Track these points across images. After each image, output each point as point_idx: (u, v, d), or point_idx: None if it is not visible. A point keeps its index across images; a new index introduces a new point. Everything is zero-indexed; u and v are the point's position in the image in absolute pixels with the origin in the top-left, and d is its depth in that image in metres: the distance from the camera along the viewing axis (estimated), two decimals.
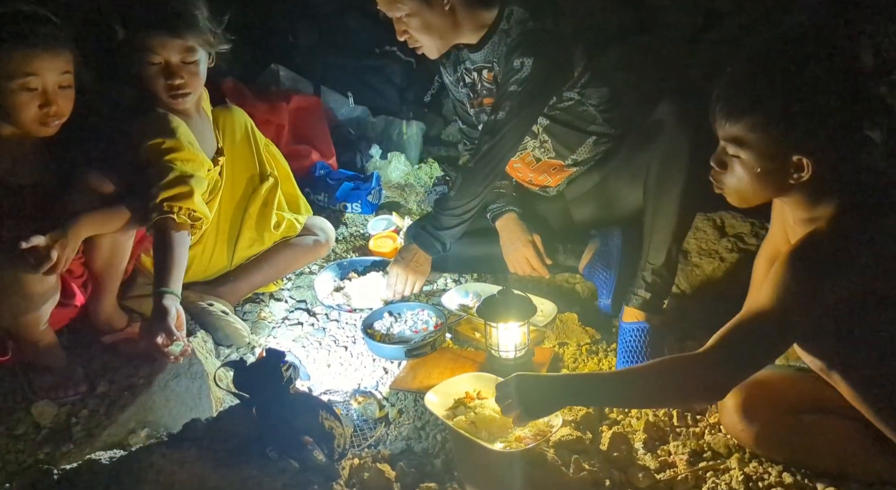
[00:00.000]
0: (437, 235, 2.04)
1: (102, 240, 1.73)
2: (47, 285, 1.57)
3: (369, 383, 1.86)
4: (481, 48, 1.93)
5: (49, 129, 1.60)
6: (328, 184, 2.91)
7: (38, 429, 1.56)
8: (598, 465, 1.41)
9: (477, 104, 2.08)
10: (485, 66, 1.96)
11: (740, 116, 1.22)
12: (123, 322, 1.87)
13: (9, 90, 1.53)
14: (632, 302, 1.83)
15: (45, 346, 1.66)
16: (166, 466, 1.20)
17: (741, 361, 1.24)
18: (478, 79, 2.01)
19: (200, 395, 1.64)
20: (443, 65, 2.13)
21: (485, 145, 1.91)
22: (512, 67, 1.82)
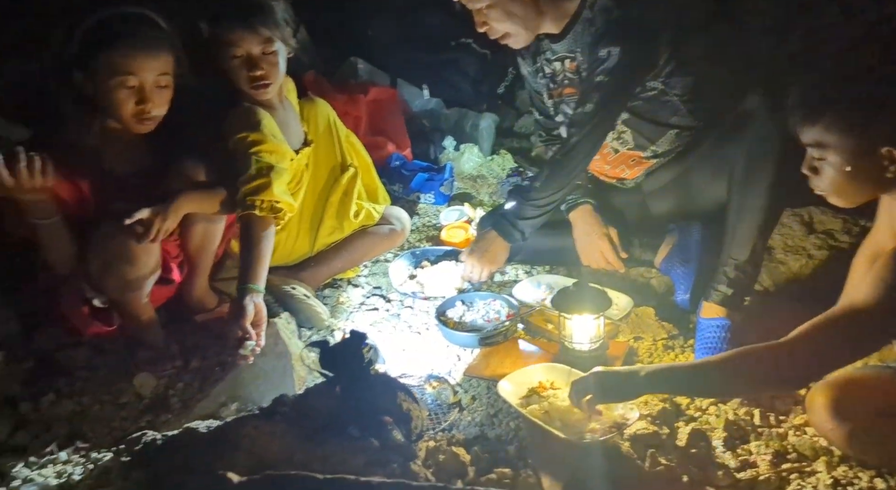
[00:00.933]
0: (518, 224, 2.03)
1: (196, 224, 1.84)
2: (153, 258, 1.69)
3: (442, 369, 1.90)
4: (563, 37, 1.92)
5: (145, 126, 1.70)
6: (402, 174, 2.97)
7: (139, 398, 1.68)
8: (676, 461, 1.40)
9: (556, 95, 2.07)
10: (567, 55, 1.95)
11: (816, 120, 1.23)
12: (214, 302, 1.99)
13: (109, 87, 1.63)
14: (711, 297, 1.79)
15: (146, 322, 1.78)
16: (259, 438, 1.26)
17: (827, 356, 1.22)
18: (559, 69, 2.00)
19: (285, 374, 1.72)
20: (521, 56, 2.13)
21: (573, 137, 1.89)
22: (598, 57, 1.80)
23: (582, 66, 1.92)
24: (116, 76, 1.62)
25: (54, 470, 1.44)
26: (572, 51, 1.93)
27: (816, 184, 1.31)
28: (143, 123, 1.69)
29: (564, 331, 1.78)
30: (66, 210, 1.66)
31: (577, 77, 1.96)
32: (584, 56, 1.89)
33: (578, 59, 1.93)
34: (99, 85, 1.63)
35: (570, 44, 1.92)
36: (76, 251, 1.69)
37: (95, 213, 1.69)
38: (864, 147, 1.20)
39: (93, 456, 1.47)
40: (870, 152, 1.20)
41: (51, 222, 1.62)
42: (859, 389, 1.39)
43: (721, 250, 1.83)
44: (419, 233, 2.73)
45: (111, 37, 1.62)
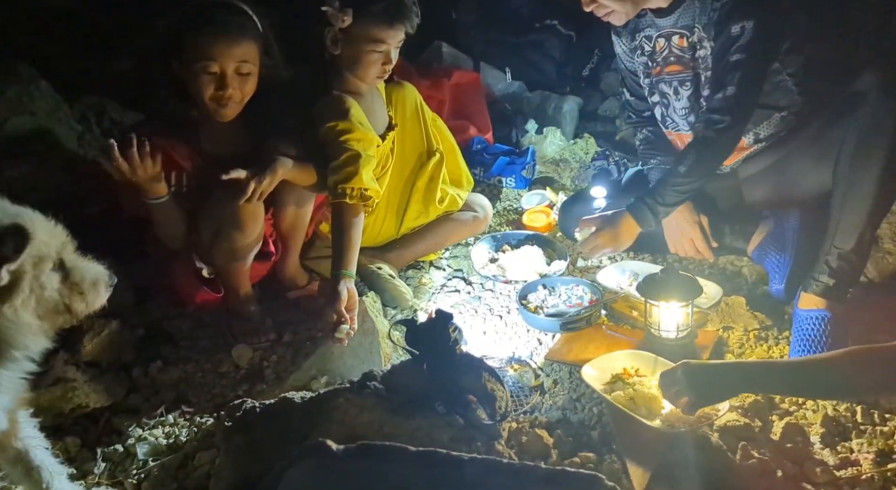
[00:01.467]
0: (656, 210, 1.91)
1: (287, 206, 1.93)
2: (258, 226, 1.79)
3: (524, 352, 1.90)
4: (672, 12, 1.83)
5: (224, 111, 1.77)
6: (484, 158, 2.97)
7: (237, 368, 1.78)
8: (769, 455, 1.35)
9: (656, 73, 1.99)
10: (676, 31, 1.86)
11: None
12: (305, 280, 2.08)
13: (193, 72, 1.72)
14: (811, 288, 1.71)
15: (244, 296, 1.89)
16: (350, 410, 1.32)
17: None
18: (663, 45, 1.92)
19: (371, 350, 1.77)
20: (616, 33, 2.06)
21: (719, 124, 1.79)
22: (730, 35, 1.70)
23: (697, 43, 1.83)
24: (198, 61, 1.71)
25: (163, 431, 1.56)
26: (685, 27, 1.84)
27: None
28: (222, 108, 1.76)
29: (651, 318, 1.74)
30: (175, 189, 1.77)
31: (688, 54, 1.87)
32: (706, 32, 1.79)
33: (697, 35, 1.83)
34: (186, 70, 1.73)
35: (682, 19, 1.83)
36: (185, 227, 1.80)
37: (198, 192, 1.80)
38: None
39: (197, 420, 1.58)
40: None
41: (163, 201, 1.74)
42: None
43: (823, 238, 1.73)
44: (500, 217, 2.73)
45: (197, 23, 1.70)
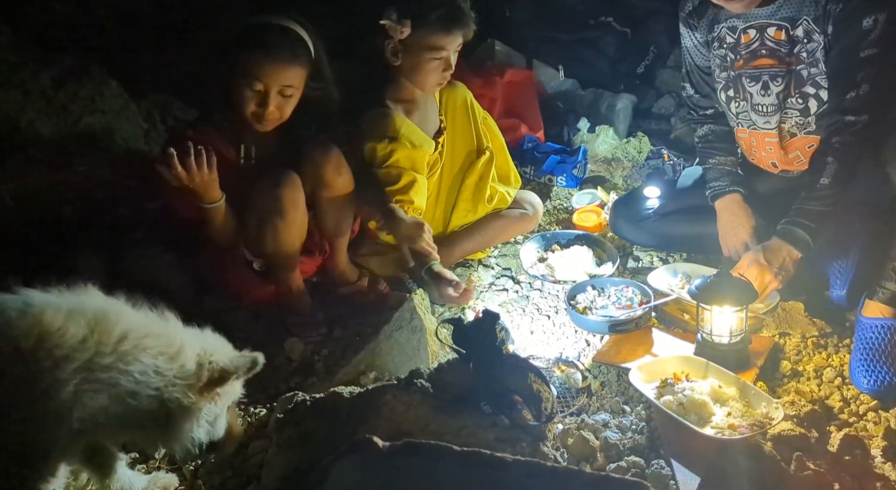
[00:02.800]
0: (810, 229, 1.75)
1: (328, 211, 1.99)
2: (300, 214, 1.87)
3: (571, 353, 1.89)
4: (773, 1, 1.73)
5: (263, 126, 1.83)
6: (535, 157, 2.95)
7: (289, 361, 1.84)
8: (826, 467, 1.31)
9: (738, 66, 1.88)
10: (774, 23, 1.76)
11: None
12: (355, 276, 2.12)
13: (237, 85, 1.78)
14: (878, 295, 1.64)
15: (296, 290, 1.94)
16: (397, 406, 1.35)
17: None
18: (755, 37, 1.81)
19: (419, 347, 1.80)
20: (689, 26, 1.97)
21: (856, 125, 1.69)
22: (861, 29, 1.61)
23: (801, 38, 1.73)
24: (245, 78, 1.77)
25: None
26: (786, 18, 1.74)
27: None
28: (259, 123, 1.83)
29: (703, 322, 1.71)
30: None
31: (784, 48, 1.76)
32: (818, 26, 1.69)
33: (800, 30, 1.73)
34: (232, 81, 1.79)
35: (784, 9, 1.73)
36: (235, 224, 1.87)
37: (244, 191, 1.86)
38: None
39: (251, 410, 1.63)
40: None
41: (217, 205, 1.81)
42: None
43: (889, 244, 1.66)
44: (550, 215, 2.71)
45: (251, 43, 1.76)
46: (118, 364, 1.12)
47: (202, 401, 1.22)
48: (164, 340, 1.20)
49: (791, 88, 1.81)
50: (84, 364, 1.09)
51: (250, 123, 1.83)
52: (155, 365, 1.16)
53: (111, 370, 1.12)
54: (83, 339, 1.10)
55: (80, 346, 1.10)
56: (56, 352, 1.08)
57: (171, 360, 1.19)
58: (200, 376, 1.21)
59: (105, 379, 1.11)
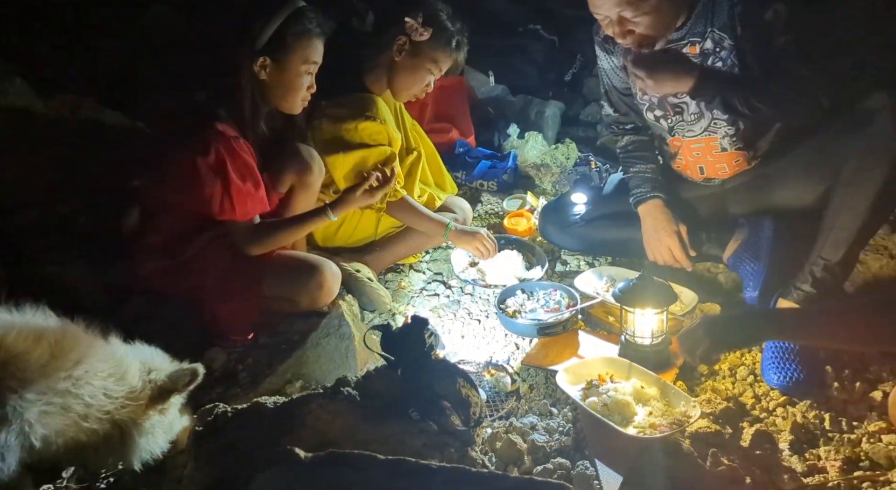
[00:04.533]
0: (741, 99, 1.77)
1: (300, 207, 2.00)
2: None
3: (501, 357, 1.91)
4: (683, 26, 1.79)
5: (304, 104, 1.86)
6: (466, 162, 2.98)
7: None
8: (739, 462, 1.37)
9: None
10: (686, 42, 1.81)
11: None
12: None
13: (294, 72, 1.79)
14: (791, 295, 1.73)
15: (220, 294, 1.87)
16: (322, 415, 1.31)
17: None
18: None
19: (347, 355, 1.77)
20: (606, 51, 2.02)
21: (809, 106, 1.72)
22: (764, 22, 1.67)
23: (711, 49, 1.78)
24: (305, 63, 1.79)
25: None
26: (697, 33, 1.79)
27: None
28: (304, 102, 1.86)
29: (626, 324, 1.76)
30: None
31: (698, 61, 1.80)
32: (726, 32, 1.74)
33: (708, 42, 1.77)
34: (281, 70, 1.77)
35: (694, 27, 1.79)
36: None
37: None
38: None
39: None
40: None
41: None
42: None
43: (799, 248, 1.76)
44: (481, 220, 2.73)
45: (303, 26, 1.76)
46: (71, 388, 1.15)
47: (152, 415, 1.26)
48: (113, 362, 1.23)
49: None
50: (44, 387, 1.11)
51: (295, 107, 1.85)
52: (105, 387, 1.20)
53: (66, 395, 1.14)
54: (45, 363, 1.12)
55: (41, 369, 1.12)
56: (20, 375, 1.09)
57: (120, 380, 1.22)
58: (146, 394, 1.25)
59: (59, 403, 1.13)
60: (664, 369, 1.70)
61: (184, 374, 1.30)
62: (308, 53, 1.79)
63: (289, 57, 1.77)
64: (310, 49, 1.79)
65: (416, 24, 2.03)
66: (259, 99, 1.80)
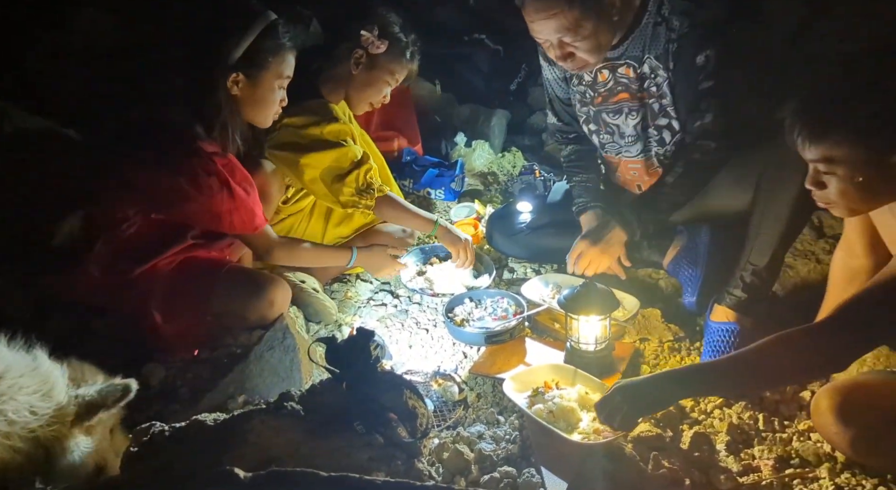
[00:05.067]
0: (645, 224, 1.95)
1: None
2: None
3: (449, 366, 1.91)
4: (620, 45, 1.85)
5: (273, 120, 1.86)
6: (413, 170, 2.98)
7: (148, 388, 1.70)
8: (678, 464, 1.40)
9: (598, 102, 2.00)
10: (623, 62, 1.88)
11: (823, 137, 1.23)
12: None
13: (269, 86, 1.76)
14: (725, 301, 1.79)
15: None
16: (265, 432, 1.28)
17: (869, 328, 1.21)
18: (609, 76, 1.93)
19: (292, 368, 1.74)
20: (550, 61, 2.04)
21: (706, 149, 1.84)
22: (695, 64, 1.75)
23: (648, 74, 1.86)
24: (280, 77, 1.77)
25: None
26: (633, 57, 1.86)
27: (823, 197, 1.31)
28: (275, 118, 1.85)
29: (571, 331, 1.78)
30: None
31: (635, 84, 1.89)
32: (661, 62, 1.82)
33: (646, 67, 1.85)
34: (257, 84, 1.75)
35: (631, 49, 1.85)
36: None
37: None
38: (875, 157, 1.20)
39: None
40: (881, 161, 1.20)
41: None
42: (865, 393, 1.38)
43: (733, 254, 1.82)
44: None
45: (280, 39, 1.74)
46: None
47: (78, 434, 1.19)
48: (39, 378, 1.17)
49: (648, 120, 1.95)
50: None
51: (268, 120, 1.84)
52: (30, 404, 1.14)
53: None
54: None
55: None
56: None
57: (46, 397, 1.16)
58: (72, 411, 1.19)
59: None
60: (608, 375, 1.73)
61: (114, 389, 1.24)
62: (282, 68, 1.77)
63: (262, 72, 1.74)
64: (283, 64, 1.77)
65: (372, 37, 2.04)
66: (233, 114, 1.76)
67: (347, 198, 2.06)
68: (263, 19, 1.72)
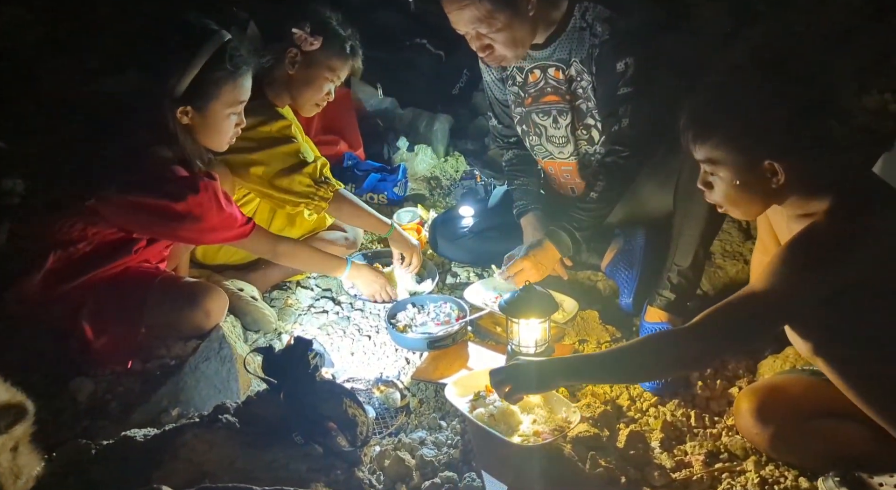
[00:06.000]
0: (575, 236, 1.97)
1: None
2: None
3: (391, 372, 1.90)
4: (547, 46, 1.89)
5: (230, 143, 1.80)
6: (355, 174, 2.95)
7: (75, 404, 1.62)
8: (615, 462, 1.44)
9: (528, 103, 2.03)
10: (552, 64, 1.92)
11: (707, 137, 1.30)
12: None
13: (223, 114, 1.70)
14: (656, 302, 1.85)
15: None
16: (198, 446, 1.25)
17: (727, 336, 1.31)
18: (539, 76, 1.96)
19: (229, 378, 1.69)
20: (489, 65, 2.08)
21: (622, 153, 1.88)
22: (615, 71, 1.78)
23: (575, 76, 1.89)
24: (237, 104, 1.71)
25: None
26: (561, 59, 1.90)
27: (711, 197, 1.39)
28: (233, 141, 1.79)
29: (512, 334, 1.80)
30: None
31: (564, 86, 1.93)
32: (585, 66, 1.86)
33: (573, 69, 1.89)
34: (208, 116, 1.69)
35: (558, 51, 1.89)
36: None
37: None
38: (749, 161, 1.29)
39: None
40: (754, 166, 1.28)
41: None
42: (781, 393, 1.46)
43: (665, 257, 1.88)
44: (371, 234, 2.71)
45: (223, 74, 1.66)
46: None
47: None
48: None
49: (576, 122, 2.00)
50: None
51: (224, 146, 1.79)
52: None
53: None
54: None
55: None
56: None
57: None
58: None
59: None
60: None
61: (4, 412, 1.14)
62: (234, 95, 1.70)
63: (210, 103, 1.68)
64: (234, 92, 1.70)
65: (304, 34, 2.00)
66: (190, 141, 1.71)
67: (304, 188, 2.02)
68: (207, 50, 1.64)
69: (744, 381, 1.71)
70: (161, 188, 1.64)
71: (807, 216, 1.31)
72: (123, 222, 1.69)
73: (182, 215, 1.65)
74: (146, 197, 1.64)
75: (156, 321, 1.73)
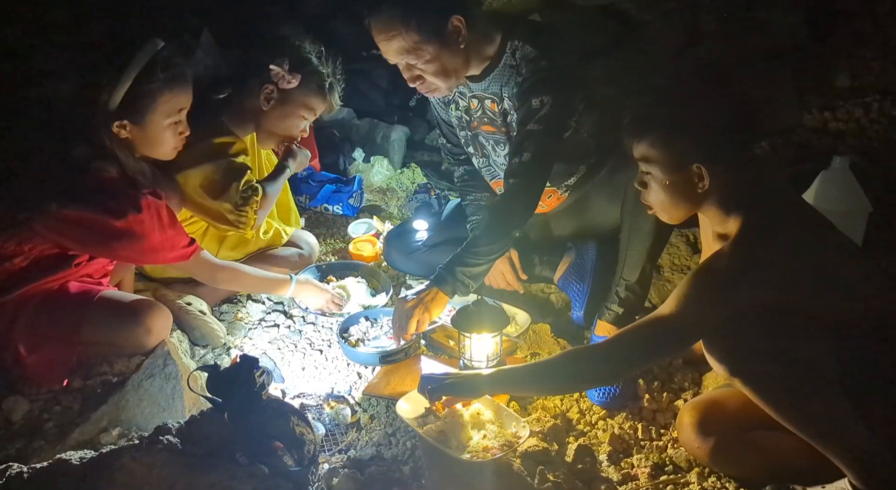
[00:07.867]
0: (465, 281, 1.83)
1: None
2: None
3: (343, 388, 1.88)
4: (483, 79, 1.89)
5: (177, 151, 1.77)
6: (310, 185, 2.93)
7: (8, 424, 1.56)
8: (563, 477, 1.45)
9: (472, 128, 2.04)
10: (488, 96, 1.92)
11: (642, 136, 1.40)
12: None
13: (163, 124, 1.66)
14: (605, 316, 1.88)
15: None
16: (136, 469, 1.21)
17: (635, 356, 1.39)
18: (477, 105, 1.97)
19: (174, 396, 1.64)
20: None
21: (515, 187, 1.84)
22: (531, 107, 1.79)
23: (508, 110, 1.90)
24: (176, 113, 1.67)
25: None
26: (494, 93, 1.90)
27: (646, 198, 1.47)
28: (178, 149, 1.76)
29: (464, 349, 1.80)
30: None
31: (499, 118, 1.94)
32: (512, 101, 1.87)
33: (504, 103, 1.90)
34: (146, 128, 1.65)
35: (492, 86, 1.89)
36: None
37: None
38: (679, 162, 1.37)
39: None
40: (683, 167, 1.36)
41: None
42: (721, 407, 1.51)
43: (614, 271, 1.92)
44: (326, 245, 2.69)
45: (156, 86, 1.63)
46: None
47: None
48: None
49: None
50: None
51: (171, 153, 1.76)
52: None
53: None
54: None
55: None
56: None
57: None
58: None
59: None
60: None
61: None
62: (171, 106, 1.67)
63: (147, 115, 1.64)
64: (172, 101, 1.66)
65: (282, 71, 1.95)
66: (130, 155, 1.66)
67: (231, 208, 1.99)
68: (139, 61, 1.59)
69: (689, 393, 1.75)
70: (101, 204, 1.59)
71: (722, 237, 1.39)
72: (60, 238, 1.63)
73: (121, 233, 1.61)
74: (84, 212, 1.58)
75: (95, 339, 1.67)
